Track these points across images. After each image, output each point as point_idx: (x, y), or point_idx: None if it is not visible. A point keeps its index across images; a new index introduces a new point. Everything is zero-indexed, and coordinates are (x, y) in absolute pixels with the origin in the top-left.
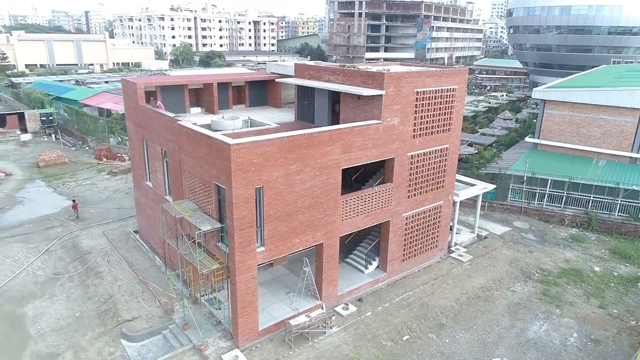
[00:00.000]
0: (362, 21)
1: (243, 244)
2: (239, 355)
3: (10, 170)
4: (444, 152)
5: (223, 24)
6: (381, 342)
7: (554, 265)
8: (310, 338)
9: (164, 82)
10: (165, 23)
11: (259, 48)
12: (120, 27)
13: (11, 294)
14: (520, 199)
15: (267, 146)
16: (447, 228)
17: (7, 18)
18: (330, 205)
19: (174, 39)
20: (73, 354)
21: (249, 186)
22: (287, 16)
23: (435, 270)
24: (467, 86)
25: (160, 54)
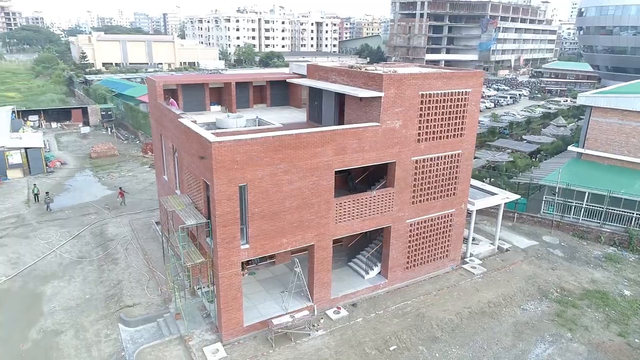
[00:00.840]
0: (423, 22)
1: (226, 240)
2: (219, 349)
3: (65, 160)
4: (455, 158)
5: (286, 25)
6: (365, 350)
7: (577, 285)
8: (293, 339)
9: (185, 81)
10: (230, 24)
11: (321, 49)
12: (191, 28)
13: (37, 273)
14: (553, 211)
15: (250, 145)
16: (460, 238)
17: (96, 20)
18: (322, 207)
19: (238, 40)
20: (74, 333)
21: (232, 184)
22: (353, 17)
23: (442, 280)
24: (530, 90)
25: (225, 54)
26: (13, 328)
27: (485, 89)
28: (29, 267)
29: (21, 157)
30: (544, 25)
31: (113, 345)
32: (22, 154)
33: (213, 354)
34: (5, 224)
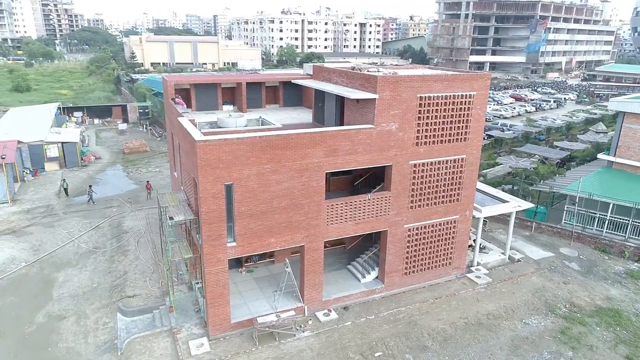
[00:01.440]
0: (467, 22)
1: (211, 237)
2: (204, 344)
3: (100, 154)
4: (458, 163)
5: (329, 26)
6: (348, 354)
7: (589, 301)
8: (278, 338)
9: (198, 80)
10: (274, 25)
11: (363, 50)
12: (237, 29)
13: (54, 260)
14: (576, 222)
15: (236, 144)
16: (465, 246)
17: (151, 22)
18: (312, 209)
19: (281, 41)
20: (75, 319)
21: (217, 182)
22: (399, 18)
23: (442, 289)
24: (578, 94)
25: (268, 55)
26: (22, 311)
27: (528, 92)
28: (48, 255)
29: (58, 151)
30: (600, 26)
31: (108, 333)
32: (59, 148)
33: (197, 347)
34: (35, 213)
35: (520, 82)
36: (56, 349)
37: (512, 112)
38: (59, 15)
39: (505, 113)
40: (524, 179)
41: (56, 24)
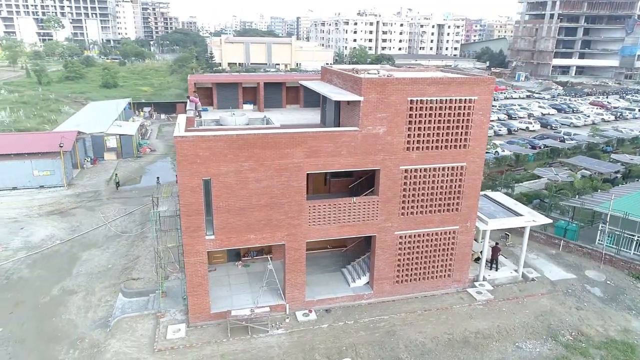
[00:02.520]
0: (552, 23)
1: (190, 229)
2: (181, 329)
3: (156, 147)
4: (457, 170)
5: (404, 28)
6: (315, 356)
7: (601, 331)
8: (251, 333)
9: (219, 80)
10: (348, 27)
11: (440, 52)
12: (315, 30)
13: (84, 240)
14: (610, 243)
15: (213, 141)
16: (467, 258)
17: (239, 24)
18: (292, 208)
19: (355, 42)
20: (83, 295)
21: (195, 177)
22: (484, 19)
23: (435, 301)
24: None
25: (341, 56)
26: (44, 283)
27: (614, 99)
28: (80, 235)
29: (116, 142)
30: None
31: (107, 311)
32: (117, 140)
33: (174, 332)
34: (83, 197)
35: (609, 89)
36: (59, 320)
37: (585, 120)
38: (156, 18)
39: (576, 121)
40: (555, 192)
41: (153, 26)
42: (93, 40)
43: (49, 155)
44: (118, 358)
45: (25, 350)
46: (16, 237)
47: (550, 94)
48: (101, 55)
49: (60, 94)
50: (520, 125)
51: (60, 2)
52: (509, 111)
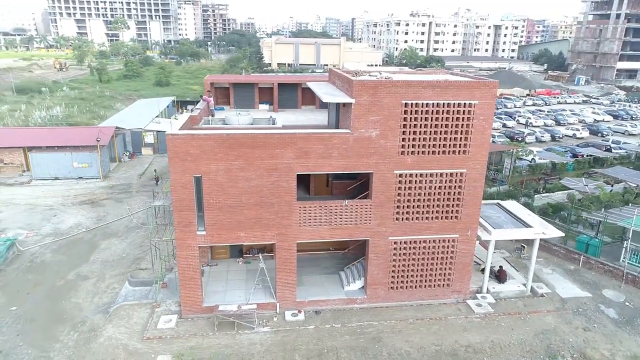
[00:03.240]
0: (619, 24)
1: (182, 224)
2: (172, 320)
3: None
4: (456, 177)
5: (458, 29)
6: (294, 357)
7: (607, 355)
8: (237, 328)
9: (236, 80)
10: (400, 28)
11: (496, 54)
12: (367, 32)
13: (107, 230)
14: (634, 262)
15: (203, 140)
16: (468, 268)
17: (295, 25)
18: (282, 208)
19: (406, 43)
20: (94, 282)
21: (186, 173)
22: (548, 19)
23: (430, 310)
24: None
25: (391, 57)
26: (63, 267)
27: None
28: (105, 225)
29: (153, 138)
30: None
31: (112, 297)
32: (154, 136)
33: (165, 322)
34: (115, 189)
35: None
36: (67, 302)
37: None
38: (215, 19)
39: (631, 129)
40: (578, 205)
41: (212, 27)
42: (155, 41)
43: (87, 149)
44: (110, 343)
45: (33, 329)
46: (48, 223)
47: (610, 99)
48: (161, 55)
49: (116, 91)
50: (567, 132)
51: (127, 5)
52: (558, 117)
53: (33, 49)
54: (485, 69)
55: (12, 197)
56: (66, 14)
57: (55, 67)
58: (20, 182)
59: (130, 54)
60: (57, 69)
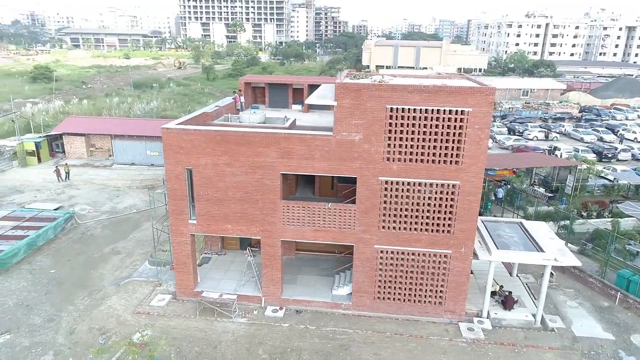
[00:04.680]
0: None
1: (176, 212)
2: (166, 299)
3: None
4: (448, 189)
5: (580, 30)
6: (258, 351)
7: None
8: (217, 316)
9: (271, 80)
10: (511, 30)
11: (627, 59)
12: (477, 34)
13: (153, 213)
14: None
15: (193, 134)
16: (462, 288)
17: (407, 27)
18: (267, 206)
19: (517, 46)
20: (123, 257)
21: (179, 165)
22: None
23: (414, 327)
24: None
25: (499, 61)
26: (105, 241)
27: None
28: (152, 208)
29: None
30: None
31: (129, 272)
32: None
33: (158, 301)
34: None
35: None
36: (94, 272)
37: None
38: (326, 22)
39: None
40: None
41: (323, 29)
42: (268, 43)
43: (159, 139)
44: (107, 312)
45: (59, 290)
46: (110, 202)
47: None
48: (272, 56)
49: (217, 89)
50: None
51: (246, 9)
52: None
53: (165, 50)
54: (606, 75)
55: (93, 178)
56: (194, 18)
57: (174, 66)
58: (104, 165)
59: (242, 55)
60: (176, 67)
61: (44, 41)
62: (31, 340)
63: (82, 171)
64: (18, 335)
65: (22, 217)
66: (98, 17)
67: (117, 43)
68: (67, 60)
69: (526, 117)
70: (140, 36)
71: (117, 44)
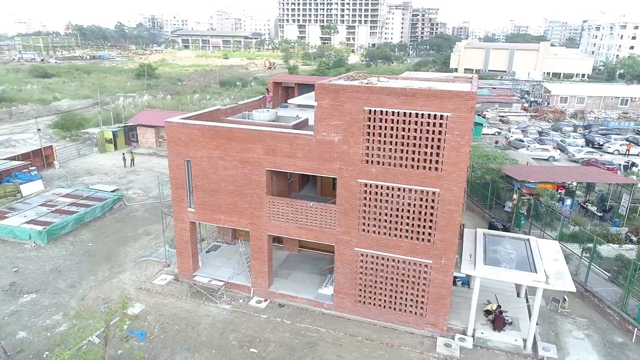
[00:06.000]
0: None
1: (177, 199)
2: (167, 279)
3: None
4: (427, 196)
5: None
6: (229, 337)
7: None
8: (204, 299)
9: (301, 80)
10: (625, 32)
11: None
12: (587, 36)
13: None
14: None
15: (190, 129)
16: (445, 302)
17: (512, 29)
18: (254, 200)
19: (632, 50)
20: (151, 237)
21: (179, 156)
22: None
23: (389, 335)
24: None
25: (608, 66)
26: (142, 223)
27: None
28: None
29: None
30: None
31: (150, 252)
32: None
33: (161, 280)
34: None
35: None
36: (122, 249)
37: None
38: (423, 24)
39: None
40: None
41: (419, 31)
42: (360, 45)
43: None
44: (116, 285)
45: (88, 262)
46: (157, 189)
47: None
48: (363, 57)
49: None
50: None
51: (342, 11)
52: None
53: (262, 50)
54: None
55: (154, 166)
56: (291, 20)
57: (265, 66)
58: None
59: (332, 56)
60: (267, 68)
61: (159, 42)
62: (51, 300)
63: (148, 159)
64: (42, 295)
65: (80, 196)
66: (208, 20)
67: (221, 44)
68: (173, 60)
69: (614, 128)
70: (242, 38)
71: (221, 44)
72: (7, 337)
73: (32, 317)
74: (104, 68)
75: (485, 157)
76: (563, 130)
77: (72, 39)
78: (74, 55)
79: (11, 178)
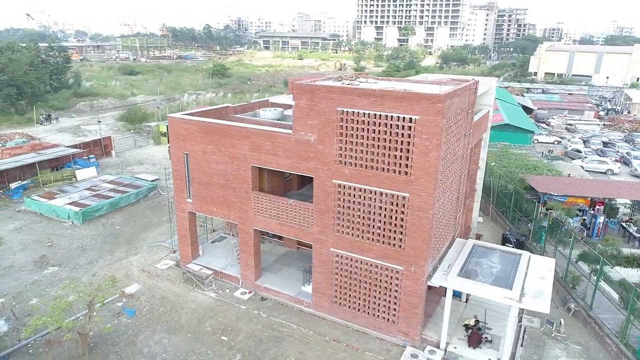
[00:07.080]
0: None
1: (178, 189)
2: (168, 264)
3: None
4: (397, 200)
5: None
6: (205, 324)
7: None
8: (194, 286)
9: None
10: None
11: None
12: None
13: None
14: None
15: (187, 124)
16: (416, 311)
17: (615, 30)
18: (242, 195)
19: None
20: (173, 225)
21: (179, 149)
22: None
23: (357, 339)
24: None
25: None
26: (166, 211)
27: None
28: None
29: None
30: None
31: (165, 238)
32: None
33: (164, 264)
34: None
35: None
36: (143, 234)
37: None
38: (509, 24)
39: None
40: None
41: (505, 33)
42: (439, 47)
43: None
44: (124, 265)
45: (111, 242)
46: None
47: None
48: (439, 59)
49: None
50: None
51: (420, 12)
52: None
53: (339, 52)
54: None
55: None
56: (369, 21)
57: (335, 67)
58: None
59: (408, 58)
60: (337, 69)
61: (242, 43)
62: (68, 274)
63: None
64: (63, 269)
65: (121, 183)
66: (290, 21)
67: (300, 45)
68: (250, 60)
69: None
70: (320, 39)
71: (299, 46)
72: (22, 302)
73: (47, 287)
74: (185, 67)
75: (524, 167)
76: (635, 142)
77: (164, 39)
78: (163, 55)
79: (71, 164)
